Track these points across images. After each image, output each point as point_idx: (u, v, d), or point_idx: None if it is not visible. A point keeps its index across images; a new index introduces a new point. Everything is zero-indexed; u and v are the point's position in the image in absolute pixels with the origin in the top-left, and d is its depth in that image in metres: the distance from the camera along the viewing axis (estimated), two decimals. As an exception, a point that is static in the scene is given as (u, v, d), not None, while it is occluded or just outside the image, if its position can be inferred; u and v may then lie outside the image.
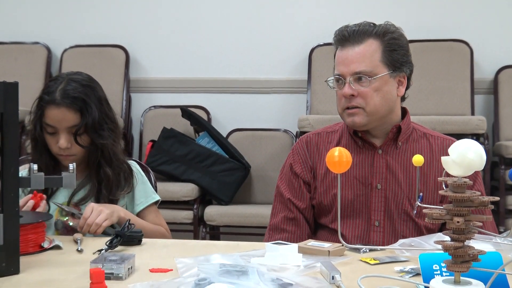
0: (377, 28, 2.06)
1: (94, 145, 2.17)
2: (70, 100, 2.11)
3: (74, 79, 2.17)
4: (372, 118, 2.05)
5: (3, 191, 1.51)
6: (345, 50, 2.05)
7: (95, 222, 1.97)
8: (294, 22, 4.74)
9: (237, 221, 4.06)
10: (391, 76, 2.05)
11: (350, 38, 2.04)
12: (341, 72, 2.05)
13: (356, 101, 2.03)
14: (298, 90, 4.70)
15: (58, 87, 2.13)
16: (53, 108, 2.12)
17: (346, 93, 2.03)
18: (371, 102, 2.03)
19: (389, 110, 2.08)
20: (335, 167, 1.23)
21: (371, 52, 2.03)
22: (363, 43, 2.04)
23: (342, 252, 1.73)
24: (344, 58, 2.05)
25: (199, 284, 1.35)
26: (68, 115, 2.11)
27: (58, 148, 2.14)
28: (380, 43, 2.04)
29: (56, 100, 2.11)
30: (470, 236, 1.19)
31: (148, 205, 2.26)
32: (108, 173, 2.17)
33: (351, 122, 2.07)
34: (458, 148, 1.16)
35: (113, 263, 1.48)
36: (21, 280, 1.49)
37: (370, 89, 2.02)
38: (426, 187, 2.07)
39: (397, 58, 2.05)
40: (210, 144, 4.36)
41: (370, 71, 2.02)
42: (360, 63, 2.02)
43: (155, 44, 4.88)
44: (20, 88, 1.54)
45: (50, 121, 2.13)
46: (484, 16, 4.56)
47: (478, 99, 4.50)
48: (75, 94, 2.12)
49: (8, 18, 5.03)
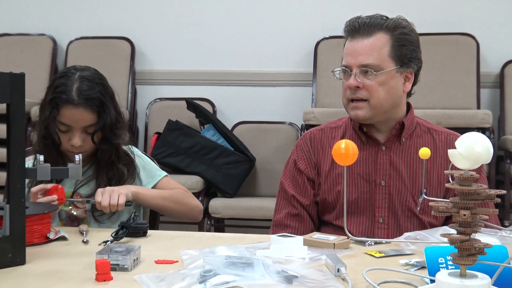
0: (388, 21, 2.05)
1: (109, 144, 2.17)
2: (88, 101, 2.11)
3: (86, 76, 2.16)
4: (376, 112, 2.04)
5: (9, 182, 1.52)
6: (354, 42, 2.04)
7: (111, 204, 1.99)
8: (300, 15, 4.73)
9: (241, 213, 4.06)
10: (398, 71, 2.04)
11: (360, 30, 2.04)
12: (348, 64, 2.04)
13: (360, 93, 2.03)
14: (303, 83, 4.69)
15: (73, 85, 2.12)
16: (70, 108, 2.11)
17: (351, 85, 2.03)
18: (375, 95, 2.02)
19: (394, 105, 2.07)
20: (342, 160, 1.22)
21: (380, 46, 2.02)
22: (373, 36, 2.03)
23: (347, 245, 1.73)
24: (353, 50, 2.04)
25: (204, 275, 1.36)
26: (86, 115, 2.12)
27: (70, 146, 2.14)
28: (390, 37, 2.03)
29: (74, 101, 2.10)
30: (476, 229, 1.18)
31: (155, 183, 2.27)
32: (121, 170, 2.18)
33: (355, 116, 2.06)
34: (466, 141, 1.16)
35: (119, 254, 1.48)
36: (27, 271, 1.49)
37: (375, 83, 2.01)
38: (429, 183, 2.06)
39: (406, 53, 2.04)
40: (215, 136, 4.37)
41: (377, 65, 2.01)
42: (368, 55, 2.01)
43: (160, 36, 4.88)
44: (25, 79, 1.54)
45: (66, 120, 2.12)
46: (490, 10, 4.55)
47: (484, 93, 4.48)
48: (93, 94, 2.12)
49: (14, 10, 5.03)
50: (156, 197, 2.18)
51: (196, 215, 2.30)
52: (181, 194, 2.26)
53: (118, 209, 2.01)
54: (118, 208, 2.01)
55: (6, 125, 1.52)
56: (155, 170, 2.30)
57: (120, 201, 2.01)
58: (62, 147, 2.16)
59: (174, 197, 2.23)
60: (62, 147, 2.16)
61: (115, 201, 2.00)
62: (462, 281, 1.17)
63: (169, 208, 2.22)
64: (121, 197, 2.01)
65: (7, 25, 5.00)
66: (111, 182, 2.18)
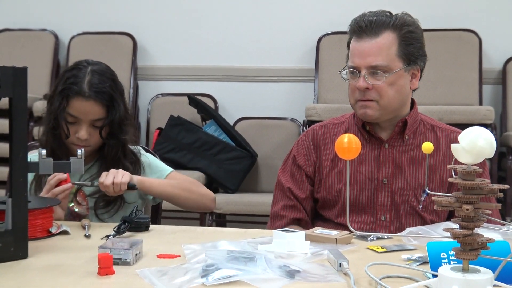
0: (394, 19, 2.03)
1: (115, 139, 2.17)
2: (98, 94, 2.11)
3: (97, 70, 2.16)
4: (385, 111, 2.04)
5: (12, 176, 1.52)
6: (362, 42, 2.02)
7: (114, 182, 1.98)
8: (302, 11, 4.72)
9: (243, 209, 4.06)
10: (405, 70, 2.03)
11: (367, 30, 2.01)
12: (357, 65, 2.02)
13: (370, 94, 2.02)
14: (305, 79, 4.69)
15: (84, 78, 2.12)
16: (81, 100, 2.11)
17: (361, 87, 2.01)
18: (385, 96, 2.01)
19: (402, 104, 2.07)
20: (344, 154, 1.22)
21: (387, 46, 2.01)
22: (380, 36, 2.01)
23: (350, 240, 1.73)
24: (361, 51, 2.02)
25: (206, 270, 1.36)
26: (95, 108, 2.11)
27: (76, 138, 2.13)
28: (397, 36, 2.02)
29: (85, 93, 2.10)
30: (479, 224, 1.18)
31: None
32: (127, 166, 2.17)
33: (363, 114, 2.05)
34: (469, 135, 1.16)
35: (121, 248, 1.48)
36: (29, 265, 1.49)
37: (385, 83, 2.01)
38: (431, 180, 2.06)
39: (413, 52, 2.03)
40: (217, 132, 4.37)
41: (386, 65, 1.99)
42: (377, 56, 1.99)
43: (162, 32, 4.87)
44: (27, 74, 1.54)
45: (74, 111, 2.12)
46: (493, 6, 4.54)
47: (486, 89, 4.48)
48: (104, 88, 2.12)
49: (16, 5, 5.03)
50: (163, 184, 2.16)
51: (207, 203, 2.25)
52: (189, 182, 2.24)
53: (121, 188, 1.99)
54: (121, 187, 1.99)
55: (9, 119, 1.52)
56: (161, 168, 2.28)
57: (124, 180, 1.99)
58: (68, 139, 2.16)
59: (182, 184, 2.20)
60: (68, 139, 2.16)
61: (119, 179, 1.98)
62: (465, 275, 1.17)
63: (178, 195, 2.17)
64: (125, 176, 2.00)
65: (9, 20, 5.00)
66: None
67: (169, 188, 2.17)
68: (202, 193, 2.25)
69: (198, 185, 2.27)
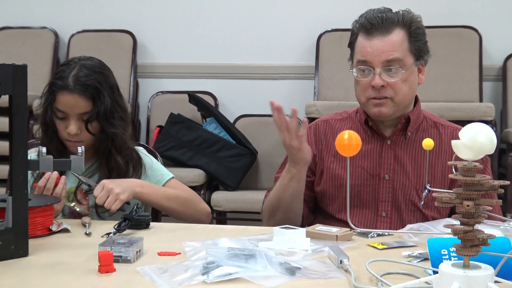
0: (402, 16, 2.03)
1: (105, 133, 2.16)
2: (83, 87, 2.10)
3: (86, 65, 2.16)
4: (398, 108, 2.04)
5: (12, 174, 1.52)
6: (375, 39, 2.01)
7: (105, 205, 1.98)
8: (302, 8, 4.72)
9: (243, 207, 4.06)
10: (415, 65, 2.04)
11: (379, 27, 2.00)
12: (370, 62, 2.01)
13: (385, 91, 2.00)
14: (305, 76, 4.69)
15: (71, 72, 2.12)
16: (65, 94, 2.11)
17: (377, 84, 1.99)
18: (400, 93, 2.01)
19: (412, 99, 2.08)
20: (345, 150, 1.22)
21: (400, 42, 2.01)
22: (392, 32, 2.01)
23: (350, 237, 1.73)
24: (375, 48, 2.00)
25: (207, 267, 1.36)
26: (80, 101, 2.11)
27: (67, 134, 2.13)
28: (406, 33, 2.02)
29: (69, 86, 2.10)
30: (479, 220, 1.18)
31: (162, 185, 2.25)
32: (119, 161, 2.17)
33: (378, 112, 2.03)
34: (469, 132, 1.16)
35: (122, 246, 1.48)
36: (30, 263, 1.49)
37: (400, 80, 2.00)
38: (433, 177, 2.06)
39: (421, 47, 2.05)
40: (217, 129, 4.36)
41: (401, 59, 1.99)
42: (392, 51, 1.99)
43: (162, 29, 4.87)
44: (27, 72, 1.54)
45: (61, 106, 2.12)
46: (493, 3, 4.53)
47: (486, 86, 4.48)
48: (89, 81, 2.11)
49: (16, 3, 5.02)
50: (161, 197, 2.15)
51: (202, 219, 2.25)
52: (188, 195, 2.23)
53: (111, 211, 2.00)
54: (110, 211, 2.00)
55: (9, 116, 1.51)
56: (162, 172, 2.28)
57: (113, 207, 1.98)
58: (61, 136, 2.15)
59: (181, 198, 2.20)
60: (61, 136, 2.15)
61: (110, 206, 1.98)
62: (466, 272, 1.17)
63: (175, 210, 2.18)
64: (117, 203, 1.99)
65: (9, 18, 4.99)
66: (111, 174, 2.16)
67: (166, 202, 2.16)
68: (198, 209, 2.25)
69: (195, 199, 2.26)
